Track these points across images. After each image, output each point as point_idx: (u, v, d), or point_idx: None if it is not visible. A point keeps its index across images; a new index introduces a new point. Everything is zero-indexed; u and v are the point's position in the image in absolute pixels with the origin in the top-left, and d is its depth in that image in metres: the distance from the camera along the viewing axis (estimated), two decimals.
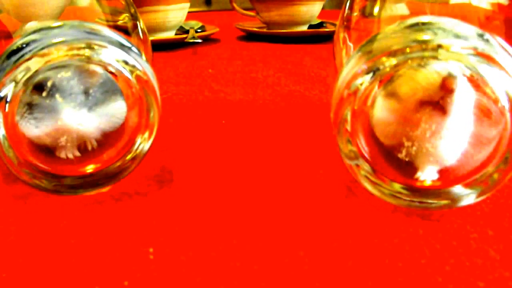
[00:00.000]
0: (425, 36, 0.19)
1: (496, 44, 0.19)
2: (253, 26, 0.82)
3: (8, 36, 0.25)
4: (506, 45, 0.19)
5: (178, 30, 0.77)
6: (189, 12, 0.76)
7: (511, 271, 0.18)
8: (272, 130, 0.34)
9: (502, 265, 0.18)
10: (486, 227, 0.21)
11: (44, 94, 0.21)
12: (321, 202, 0.24)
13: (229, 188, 0.25)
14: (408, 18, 0.20)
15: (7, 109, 0.21)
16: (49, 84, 0.21)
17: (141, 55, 0.23)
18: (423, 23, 0.19)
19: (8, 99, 0.21)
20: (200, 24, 0.82)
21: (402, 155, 0.21)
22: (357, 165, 0.21)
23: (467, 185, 0.21)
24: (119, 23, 0.28)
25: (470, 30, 0.19)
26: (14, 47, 0.21)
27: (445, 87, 0.19)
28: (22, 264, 0.19)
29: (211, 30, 0.78)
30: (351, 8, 0.26)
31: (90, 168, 0.24)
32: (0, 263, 0.19)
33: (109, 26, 0.26)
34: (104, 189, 0.24)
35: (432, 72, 0.19)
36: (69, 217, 0.22)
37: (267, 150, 0.30)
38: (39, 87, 0.21)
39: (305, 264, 0.19)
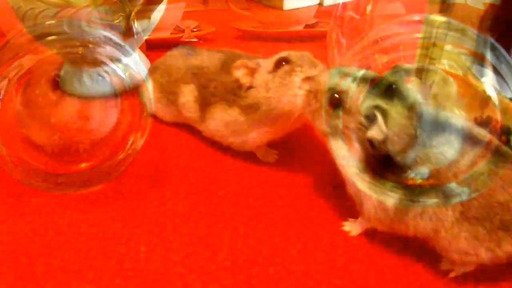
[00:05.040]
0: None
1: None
2: (249, 25, 0.82)
3: (1, 35, 0.25)
4: (497, 45, 0.19)
5: (174, 29, 0.77)
6: (185, 11, 0.76)
7: (503, 271, 0.18)
8: None
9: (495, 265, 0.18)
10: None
11: (37, 91, 0.21)
12: (313, 201, 0.24)
13: (220, 187, 0.25)
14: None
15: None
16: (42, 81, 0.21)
17: (135, 54, 0.23)
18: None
19: (1, 96, 0.21)
20: (196, 23, 0.81)
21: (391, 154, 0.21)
22: (349, 163, 0.21)
23: (459, 184, 0.21)
24: (115, 22, 0.28)
25: None
26: None
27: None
28: (14, 261, 0.19)
29: (207, 29, 0.78)
30: (344, 6, 0.26)
31: (83, 167, 0.24)
32: None
33: (104, 26, 0.26)
34: (97, 188, 0.24)
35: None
36: (62, 215, 0.22)
37: None
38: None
39: (296, 262, 0.19)
